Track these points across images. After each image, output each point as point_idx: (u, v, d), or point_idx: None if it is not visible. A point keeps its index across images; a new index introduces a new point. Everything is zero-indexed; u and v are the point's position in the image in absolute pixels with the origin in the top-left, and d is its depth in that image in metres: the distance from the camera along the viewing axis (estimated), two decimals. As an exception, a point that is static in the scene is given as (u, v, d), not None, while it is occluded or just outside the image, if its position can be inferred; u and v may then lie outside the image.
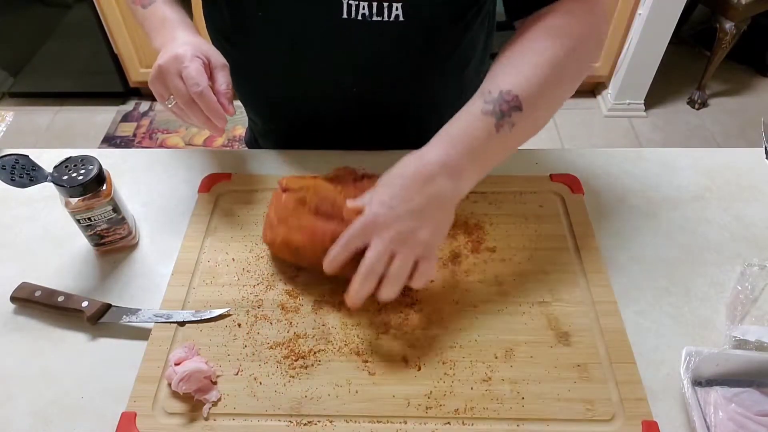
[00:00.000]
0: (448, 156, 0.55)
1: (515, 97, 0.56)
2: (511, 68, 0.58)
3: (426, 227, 0.54)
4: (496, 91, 0.56)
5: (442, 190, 0.55)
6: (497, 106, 0.56)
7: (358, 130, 0.83)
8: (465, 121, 0.57)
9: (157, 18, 0.69)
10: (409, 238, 0.54)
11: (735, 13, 2.13)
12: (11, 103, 2.50)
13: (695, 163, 0.82)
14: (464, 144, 0.56)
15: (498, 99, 0.56)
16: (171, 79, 0.62)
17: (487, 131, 0.56)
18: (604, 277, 0.66)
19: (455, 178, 0.55)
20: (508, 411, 0.55)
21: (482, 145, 0.56)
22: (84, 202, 0.64)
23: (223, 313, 0.63)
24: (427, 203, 0.54)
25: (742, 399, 0.55)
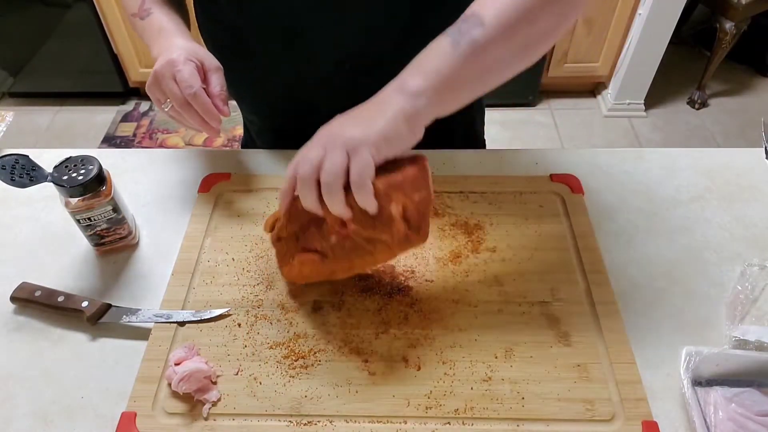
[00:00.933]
0: (401, 80, 0.53)
1: (474, 15, 0.53)
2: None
3: (358, 124, 0.53)
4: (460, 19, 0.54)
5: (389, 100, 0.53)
6: (456, 27, 0.53)
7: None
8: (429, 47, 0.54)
9: (154, 29, 0.71)
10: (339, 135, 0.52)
11: (735, 13, 2.13)
12: (11, 103, 2.50)
13: (695, 163, 0.82)
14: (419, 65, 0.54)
15: (458, 21, 0.54)
16: (166, 83, 0.64)
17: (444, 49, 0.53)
18: (604, 277, 0.66)
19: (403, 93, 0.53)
20: (508, 411, 0.55)
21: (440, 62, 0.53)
22: (84, 202, 0.64)
23: (223, 313, 0.63)
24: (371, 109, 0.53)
25: (742, 399, 0.55)
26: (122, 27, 2.18)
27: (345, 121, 0.54)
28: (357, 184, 0.50)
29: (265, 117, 0.91)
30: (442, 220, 0.72)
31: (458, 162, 0.81)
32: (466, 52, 0.52)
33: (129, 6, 0.76)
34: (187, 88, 0.63)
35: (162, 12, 0.73)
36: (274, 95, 0.85)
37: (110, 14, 2.14)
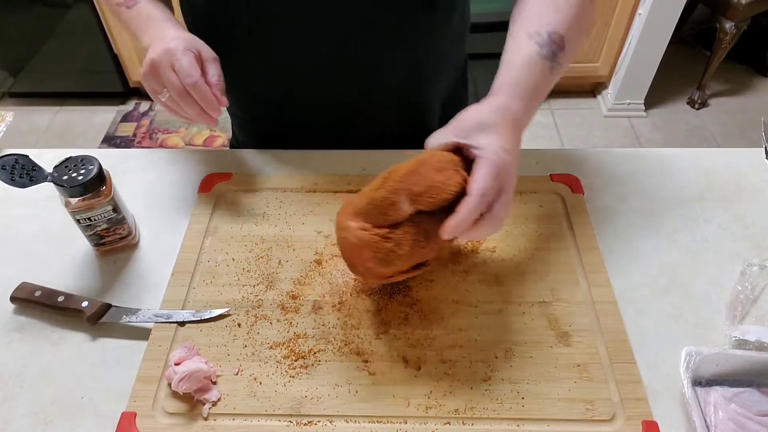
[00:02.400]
0: (525, 106, 0.58)
1: (561, 38, 0.60)
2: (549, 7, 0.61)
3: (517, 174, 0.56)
4: (545, 32, 0.59)
5: (520, 136, 0.58)
6: (549, 49, 0.59)
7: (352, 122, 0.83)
8: (527, 67, 0.59)
9: (142, 17, 0.70)
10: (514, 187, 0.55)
11: (735, 13, 2.13)
12: (11, 103, 2.50)
13: (695, 163, 0.82)
14: (533, 92, 0.59)
15: (548, 41, 0.59)
16: (164, 72, 0.63)
17: (544, 75, 0.59)
18: (604, 277, 0.66)
19: (526, 123, 0.59)
20: (508, 411, 0.55)
21: (541, 88, 0.60)
22: (84, 202, 0.64)
23: (223, 313, 0.63)
24: (518, 150, 0.57)
25: (742, 399, 0.55)
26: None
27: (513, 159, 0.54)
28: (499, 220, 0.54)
29: (248, 109, 0.89)
30: (442, 220, 0.72)
31: (458, 162, 0.81)
32: (557, 74, 0.61)
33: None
34: (186, 77, 0.62)
35: (148, 1, 0.72)
36: (260, 87, 0.83)
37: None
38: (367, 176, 0.78)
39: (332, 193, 0.76)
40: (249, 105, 0.88)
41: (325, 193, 0.76)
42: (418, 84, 0.82)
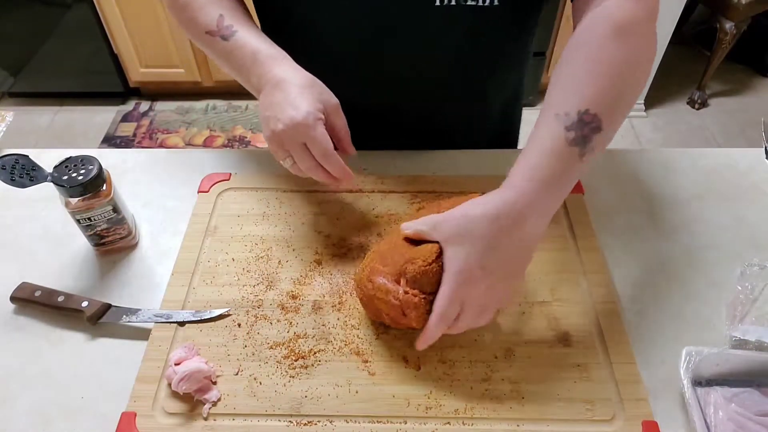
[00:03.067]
0: (537, 194, 0.50)
1: (594, 117, 0.51)
2: (584, 81, 0.53)
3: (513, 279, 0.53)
4: (574, 112, 0.51)
5: (529, 232, 0.51)
6: (579, 132, 0.51)
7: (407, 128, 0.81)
8: (549, 152, 0.51)
9: (246, 54, 0.62)
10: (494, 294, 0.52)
11: (735, 13, 2.13)
12: (11, 103, 2.50)
13: (695, 163, 0.82)
14: (552, 179, 0.51)
15: (579, 123, 0.51)
16: (293, 146, 0.59)
17: (573, 162, 0.51)
18: (604, 277, 0.66)
19: (540, 217, 0.51)
20: (508, 411, 0.55)
21: (567, 176, 0.52)
22: (84, 202, 0.64)
23: (223, 313, 0.63)
24: (513, 253, 0.51)
25: (742, 399, 0.55)
26: (122, 27, 2.18)
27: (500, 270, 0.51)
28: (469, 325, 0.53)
29: None
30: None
31: (459, 162, 0.81)
32: (590, 157, 0.52)
33: (203, 24, 0.65)
34: (320, 154, 0.58)
35: (247, 30, 0.64)
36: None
37: (110, 14, 2.14)
38: (367, 176, 0.78)
39: (332, 193, 0.76)
40: None
41: (325, 193, 0.76)
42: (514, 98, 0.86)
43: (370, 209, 0.74)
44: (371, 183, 0.77)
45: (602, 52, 0.53)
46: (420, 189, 0.76)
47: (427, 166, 0.80)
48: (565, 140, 0.51)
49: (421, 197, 0.75)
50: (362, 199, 0.75)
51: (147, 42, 2.23)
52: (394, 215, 0.73)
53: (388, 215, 0.73)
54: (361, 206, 0.74)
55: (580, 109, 0.51)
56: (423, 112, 0.81)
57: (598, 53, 0.54)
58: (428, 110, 0.81)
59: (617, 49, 0.53)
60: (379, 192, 0.76)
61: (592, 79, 0.53)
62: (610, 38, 0.54)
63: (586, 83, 0.53)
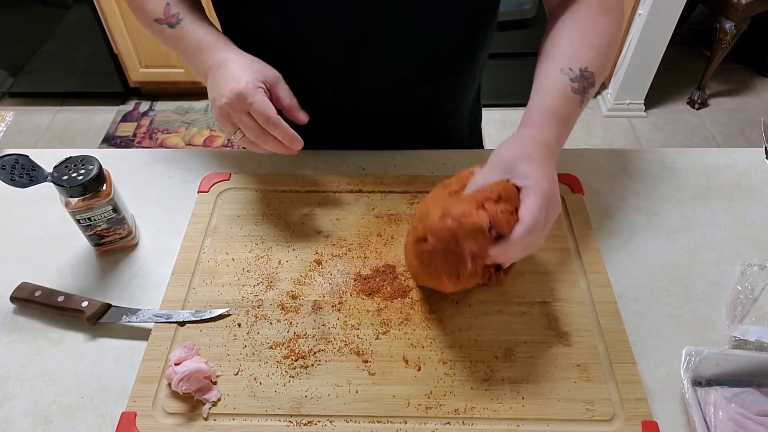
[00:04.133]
0: (557, 133, 0.60)
1: (591, 74, 0.62)
2: (582, 45, 0.64)
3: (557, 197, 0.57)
4: (577, 69, 0.62)
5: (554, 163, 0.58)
6: (581, 84, 0.61)
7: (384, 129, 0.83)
8: (562, 100, 0.61)
9: (190, 42, 0.66)
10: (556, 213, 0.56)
11: (735, 13, 2.13)
12: (11, 103, 2.50)
13: (695, 163, 0.82)
14: (565, 121, 0.61)
15: (580, 77, 0.62)
16: (239, 117, 0.62)
17: (576, 107, 0.62)
18: (604, 277, 0.66)
19: (558, 151, 0.61)
20: (508, 411, 0.55)
21: (572, 119, 0.62)
22: (84, 202, 0.64)
23: (223, 313, 0.63)
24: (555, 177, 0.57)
25: (742, 399, 0.55)
26: (122, 27, 2.18)
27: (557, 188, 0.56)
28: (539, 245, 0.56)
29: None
30: (442, 220, 0.72)
31: (458, 162, 0.81)
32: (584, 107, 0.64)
33: (151, 11, 0.69)
34: (264, 120, 0.61)
35: (192, 19, 0.68)
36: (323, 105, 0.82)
37: (110, 14, 2.14)
38: (367, 176, 0.78)
39: (332, 193, 0.76)
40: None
41: (325, 193, 0.76)
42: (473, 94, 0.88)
43: (370, 209, 0.74)
44: (371, 183, 0.77)
45: (594, 24, 0.65)
46: (419, 189, 0.76)
47: (426, 165, 0.80)
48: (571, 89, 0.61)
49: (421, 197, 0.75)
50: (362, 199, 0.75)
51: (147, 42, 2.23)
52: (394, 215, 0.73)
53: (387, 215, 0.73)
54: (361, 206, 0.74)
55: (582, 67, 0.62)
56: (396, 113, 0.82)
57: (591, 25, 0.65)
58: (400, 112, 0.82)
59: (604, 23, 0.65)
60: (378, 192, 0.76)
61: (588, 45, 0.64)
62: (598, 14, 0.65)
63: (584, 48, 0.64)
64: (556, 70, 0.62)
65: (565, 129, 0.61)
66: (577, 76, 0.62)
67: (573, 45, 0.64)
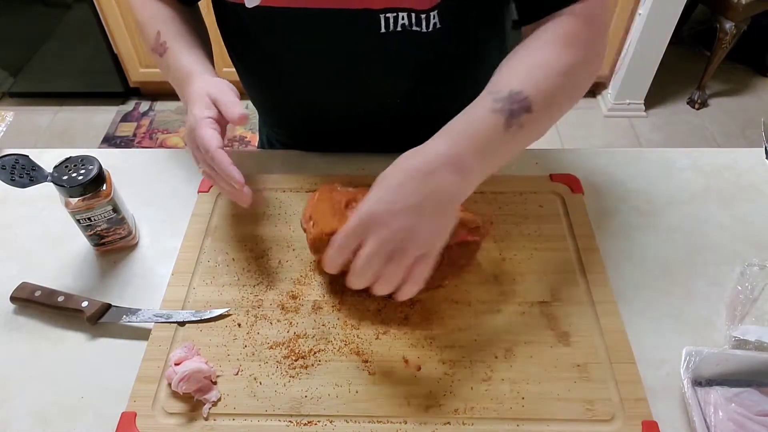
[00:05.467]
0: (450, 149, 0.52)
1: (525, 98, 0.54)
2: (521, 71, 0.57)
3: (426, 225, 0.51)
4: (506, 91, 0.54)
5: (444, 184, 0.51)
6: (506, 105, 0.54)
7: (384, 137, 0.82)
8: (471, 117, 0.54)
9: (175, 72, 0.67)
10: (407, 237, 0.50)
11: (735, 13, 2.13)
12: (11, 103, 2.50)
13: (695, 163, 0.82)
14: (470, 139, 0.53)
15: (508, 98, 0.54)
16: (193, 151, 0.63)
17: (495, 128, 0.53)
18: (604, 277, 0.66)
19: (459, 174, 0.52)
20: (508, 411, 0.55)
21: (489, 141, 0.53)
22: (84, 202, 0.64)
23: (223, 313, 0.63)
24: (427, 199, 0.51)
25: (742, 399, 0.55)
26: (122, 27, 2.18)
27: (410, 216, 0.50)
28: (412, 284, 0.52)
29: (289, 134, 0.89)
30: (442, 220, 0.72)
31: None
32: (517, 132, 0.54)
33: (146, 41, 0.71)
34: (205, 150, 0.59)
35: (179, 47, 0.68)
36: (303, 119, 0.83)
37: (110, 14, 2.14)
38: (367, 176, 0.78)
39: (332, 193, 0.76)
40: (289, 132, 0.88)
41: (325, 193, 0.76)
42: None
43: (370, 209, 0.74)
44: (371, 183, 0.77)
45: (546, 52, 0.57)
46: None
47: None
48: (490, 109, 0.54)
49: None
50: (362, 199, 0.75)
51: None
52: (394, 215, 0.73)
53: (388, 215, 0.73)
54: (361, 206, 0.74)
55: (512, 89, 0.54)
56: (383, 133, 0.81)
57: (541, 53, 0.58)
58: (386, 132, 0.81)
59: (560, 54, 0.57)
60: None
61: (528, 68, 0.57)
62: (551, 44, 0.58)
63: (522, 70, 0.57)
64: (485, 93, 0.56)
65: (472, 146, 0.52)
66: (503, 96, 0.54)
67: (511, 69, 0.57)
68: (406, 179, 0.51)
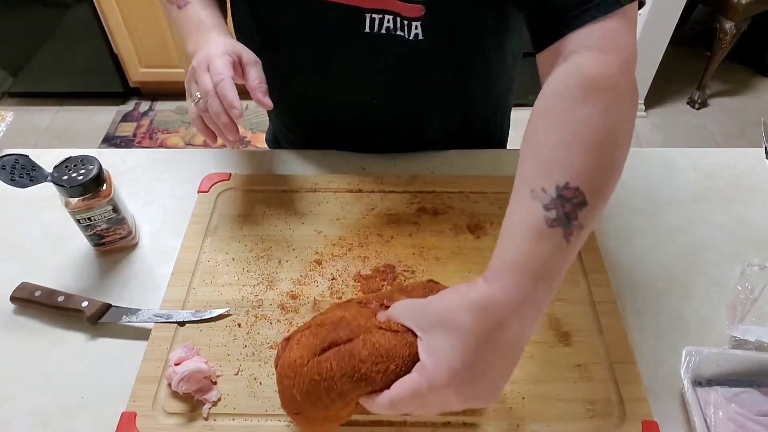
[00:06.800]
0: (519, 291, 0.43)
1: (576, 191, 0.44)
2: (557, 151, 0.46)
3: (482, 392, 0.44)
4: (552, 188, 0.44)
5: (515, 338, 0.43)
6: (560, 210, 0.44)
7: (382, 137, 0.83)
8: (528, 240, 0.44)
9: (192, 22, 0.68)
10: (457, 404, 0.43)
11: (735, 13, 2.13)
12: (11, 103, 2.50)
13: (695, 163, 0.82)
14: (535, 270, 0.43)
15: (558, 198, 0.44)
16: (200, 74, 0.61)
17: (557, 245, 0.44)
18: (604, 277, 0.66)
19: (531, 315, 0.44)
20: (508, 411, 0.55)
21: (554, 263, 0.44)
22: (84, 202, 0.64)
23: (223, 313, 0.63)
24: (494, 362, 0.43)
25: (742, 399, 0.55)
26: (122, 27, 2.18)
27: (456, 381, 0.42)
28: None
29: (289, 124, 0.89)
30: (443, 219, 0.72)
31: (458, 162, 0.81)
32: (577, 236, 0.45)
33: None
34: (216, 75, 0.59)
35: (200, 4, 0.70)
36: (301, 109, 0.83)
37: (110, 14, 2.14)
38: (367, 176, 0.78)
39: (332, 192, 0.76)
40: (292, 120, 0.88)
41: (325, 193, 0.76)
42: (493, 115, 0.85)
43: (370, 209, 0.74)
44: (371, 183, 0.77)
45: (575, 116, 0.47)
46: (419, 189, 0.76)
47: (426, 166, 0.80)
48: (545, 221, 0.44)
49: (421, 197, 0.75)
50: (362, 199, 0.75)
51: (147, 42, 2.23)
52: (393, 215, 0.73)
53: (387, 215, 0.73)
54: (361, 206, 0.74)
55: (559, 184, 0.44)
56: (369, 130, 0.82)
57: (570, 119, 0.47)
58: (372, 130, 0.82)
59: (591, 111, 0.47)
60: (378, 192, 0.76)
61: (567, 149, 0.46)
62: (581, 100, 0.47)
63: (561, 154, 0.46)
64: (526, 193, 0.45)
65: (538, 282, 0.43)
66: (553, 198, 0.44)
67: (547, 151, 0.47)
68: (475, 339, 0.42)
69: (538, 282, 0.44)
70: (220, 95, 0.60)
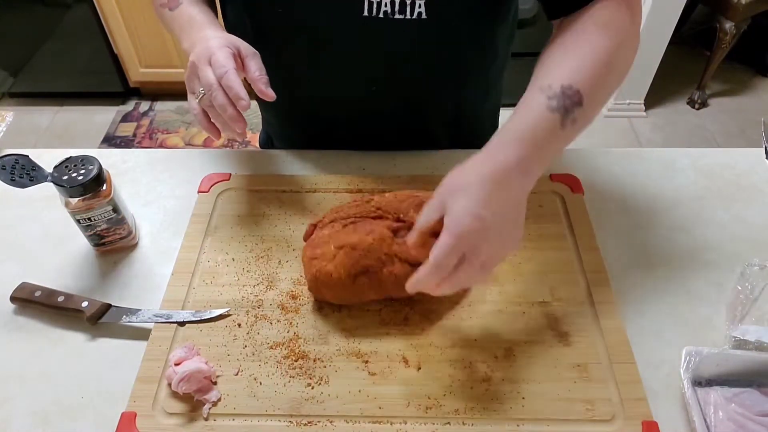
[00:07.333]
0: (519, 155, 0.53)
1: (577, 92, 0.55)
2: (568, 62, 0.58)
3: (509, 232, 0.53)
4: (557, 86, 0.55)
5: (517, 190, 0.53)
6: (561, 102, 0.55)
7: (378, 131, 0.83)
8: (531, 118, 0.55)
9: (184, 19, 0.70)
10: (495, 247, 0.51)
11: (735, 13, 2.13)
12: (11, 103, 2.50)
13: (695, 163, 0.82)
14: (533, 141, 0.54)
15: (561, 94, 0.55)
16: (201, 68, 0.61)
17: (553, 128, 0.55)
18: (604, 277, 0.66)
19: (526, 177, 0.54)
20: (508, 411, 0.55)
21: (549, 141, 0.55)
22: (84, 202, 0.64)
23: (223, 313, 0.63)
24: (507, 208, 0.52)
25: (742, 399, 0.55)
26: (122, 27, 2.18)
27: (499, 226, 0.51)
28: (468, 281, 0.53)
29: (285, 121, 0.89)
30: (442, 220, 0.72)
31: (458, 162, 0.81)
32: (571, 127, 0.56)
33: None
34: (219, 68, 0.59)
35: (191, 3, 0.71)
36: (296, 104, 0.83)
37: (110, 14, 2.14)
38: (367, 176, 0.78)
39: (332, 192, 0.76)
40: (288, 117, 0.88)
41: (325, 193, 0.76)
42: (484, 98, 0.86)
43: (370, 209, 0.74)
44: (371, 183, 0.77)
45: (585, 38, 0.59)
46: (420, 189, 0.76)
47: (426, 165, 0.80)
48: (547, 108, 0.55)
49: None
50: (362, 199, 0.75)
51: (147, 42, 2.23)
52: (394, 215, 0.73)
53: (388, 215, 0.73)
54: (361, 206, 0.74)
55: (564, 84, 0.55)
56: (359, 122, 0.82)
57: (581, 40, 0.59)
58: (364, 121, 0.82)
59: (599, 37, 0.59)
60: (378, 192, 0.76)
61: (575, 60, 0.58)
62: (594, 32, 0.59)
63: (569, 63, 0.58)
64: (535, 89, 0.56)
65: (535, 150, 0.53)
66: (556, 93, 0.55)
67: (557, 60, 0.59)
68: (486, 188, 0.51)
69: (534, 149, 0.53)
70: (225, 87, 0.60)
